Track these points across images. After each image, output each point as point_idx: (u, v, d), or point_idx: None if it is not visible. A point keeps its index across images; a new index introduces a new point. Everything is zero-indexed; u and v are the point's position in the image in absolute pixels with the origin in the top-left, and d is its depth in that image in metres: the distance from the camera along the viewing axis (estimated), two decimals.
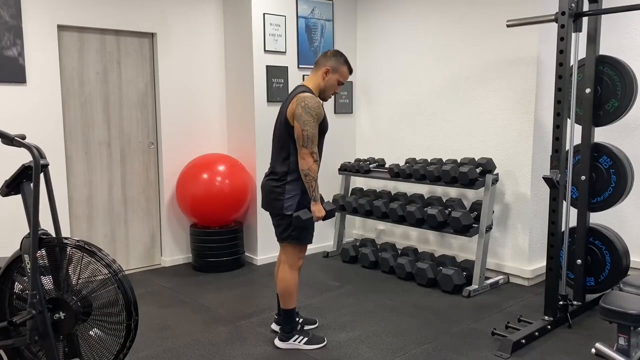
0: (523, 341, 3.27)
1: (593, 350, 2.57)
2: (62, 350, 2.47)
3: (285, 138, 3.14)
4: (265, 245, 5.00)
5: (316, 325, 3.60)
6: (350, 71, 3.28)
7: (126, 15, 4.60)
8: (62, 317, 2.42)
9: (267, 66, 4.90)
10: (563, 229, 3.66)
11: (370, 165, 5.12)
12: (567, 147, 3.55)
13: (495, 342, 3.31)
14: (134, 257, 4.94)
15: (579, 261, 3.78)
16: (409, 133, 5.19)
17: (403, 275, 4.55)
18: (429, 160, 4.74)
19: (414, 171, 4.64)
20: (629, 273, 3.74)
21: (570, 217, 3.69)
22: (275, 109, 5.07)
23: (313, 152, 3.04)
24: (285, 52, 5.02)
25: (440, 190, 4.95)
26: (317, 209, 3.12)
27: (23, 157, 2.42)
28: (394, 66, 5.27)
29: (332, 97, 3.40)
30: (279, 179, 3.15)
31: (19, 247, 2.45)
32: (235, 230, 4.90)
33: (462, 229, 4.25)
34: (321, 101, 3.16)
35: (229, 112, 5.26)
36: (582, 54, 3.58)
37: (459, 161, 4.52)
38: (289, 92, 5.00)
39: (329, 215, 3.18)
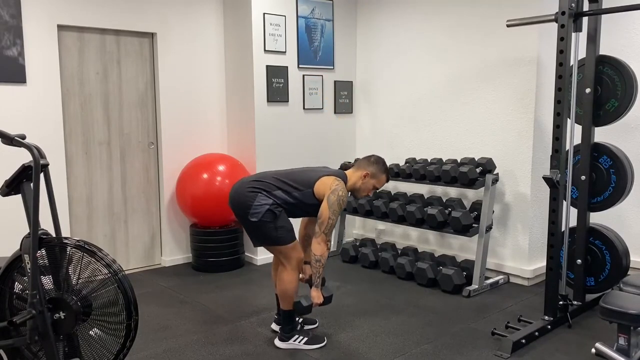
0: (523, 341, 3.27)
1: (593, 350, 2.58)
2: (62, 350, 2.47)
3: (299, 186, 3.17)
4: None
5: (316, 325, 3.60)
6: (388, 180, 3.40)
7: (126, 15, 4.60)
8: (62, 317, 2.42)
9: (267, 66, 4.90)
10: (563, 229, 3.66)
11: None
12: (567, 147, 3.55)
13: (495, 342, 3.31)
14: (134, 257, 4.94)
15: (579, 261, 3.78)
16: (409, 133, 5.19)
17: (403, 275, 4.54)
18: (429, 160, 4.74)
19: (414, 171, 4.64)
20: (629, 273, 3.74)
21: (570, 217, 3.69)
22: (275, 109, 5.13)
23: (329, 240, 3.15)
24: (285, 52, 5.02)
25: (440, 190, 4.95)
26: (317, 296, 3.22)
27: (23, 157, 2.41)
28: (394, 66, 5.27)
29: (364, 197, 3.50)
30: (258, 187, 3.14)
31: (19, 247, 2.45)
32: (235, 230, 4.90)
33: (462, 229, 4.25)
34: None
35: (229, 112, 5.26)
36: (582, 54, 3.58)
37: (459, 161, 4.52)
38: (289, 92, 5.07)
39: (327, 301, 3.28)
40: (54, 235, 2.53)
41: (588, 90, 3.62)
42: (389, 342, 3.36)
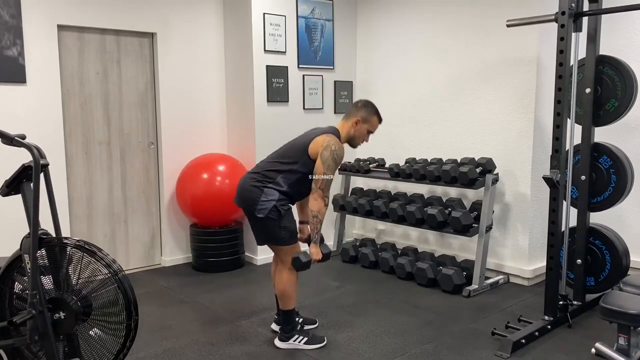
0: (523, 341, 3.27)
1: (593, 350, 2.58)
2: (62, 350, 2.47)
3: (295, 159, 3.17)
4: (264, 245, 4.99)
5: (316, 325, 3.60)
6: (380, 121, 3.37)
7: (126, 15, 4.60)
8: (62, 317, 2.42)
9: (267, 66, 4.90)
10: (563, 229, 3.66)
11: (370, 165, 5.12)
12: (567, 147, 3.55)
13: (495, 342, 3.31)
14: (134, 257, 4.94)
15: (579, 261, 3.78)
16: (409, 133, 5.19)
17: (403, 275, 4.54)
18: (429, 160, 4.74)
19: (414, 171, 4.64)
20: (629, 273, 3.74)
21: (570, 217, 3.69)
22: (275, 109, 5.13)
23: (326, 196, 3.13)
24: (285, 52, 5.02)
25: (440, 190, 4.95)
26: (316, 252, 3.21)
27: (23, 157, 2.42)
28: (394, 66, 5.27)
29: (361, 144, 3.45)
30: (261, 181, 3.15)
31: (19, 247, 2.45)
32: (235, 230, 4.90)
33: (462, 228, 4.25)
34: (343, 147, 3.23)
35: (229, 112, 5.26)
36: (582, 54, 3.58)
37: (459, 161, 4.52)
38: (289, 92, 5.07)
39: (325, 258, 3.28)
40: (54, 235, 2.53)
41: (588, 90, 3.62)
42: (389, 342, 3.36)
